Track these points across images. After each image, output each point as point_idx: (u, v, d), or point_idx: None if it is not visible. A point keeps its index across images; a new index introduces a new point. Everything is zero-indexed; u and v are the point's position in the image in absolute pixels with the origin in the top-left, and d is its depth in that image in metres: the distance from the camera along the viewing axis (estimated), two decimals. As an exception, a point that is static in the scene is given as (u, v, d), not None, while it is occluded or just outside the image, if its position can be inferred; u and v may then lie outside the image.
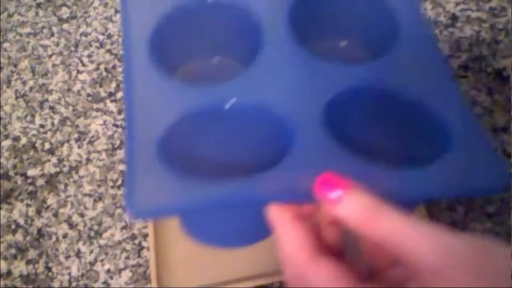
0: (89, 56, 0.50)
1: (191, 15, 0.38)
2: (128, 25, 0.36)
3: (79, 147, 0.46)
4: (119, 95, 0.48)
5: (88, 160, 0.45)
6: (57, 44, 0.52)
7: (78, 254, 0.42)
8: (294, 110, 0.35)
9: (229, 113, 0.36)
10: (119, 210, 0.43)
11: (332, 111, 0.36)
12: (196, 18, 0.38)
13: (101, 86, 0.49)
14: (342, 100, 0.37)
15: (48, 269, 0.42)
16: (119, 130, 0.46)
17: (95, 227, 0.42)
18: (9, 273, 0.42)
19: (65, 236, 0.43)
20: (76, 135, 0.47)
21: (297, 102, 0.36)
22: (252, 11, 0.37)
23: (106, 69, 0.49)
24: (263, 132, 0.37)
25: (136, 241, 0.42)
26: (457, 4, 0.45)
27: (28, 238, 0.43)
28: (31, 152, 0.47)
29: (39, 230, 0.43)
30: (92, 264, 0.41)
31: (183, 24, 0.38)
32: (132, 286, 0.40)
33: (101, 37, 0.51)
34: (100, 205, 0.43)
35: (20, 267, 0.42)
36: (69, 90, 0.49)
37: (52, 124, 0.48)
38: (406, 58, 0.37)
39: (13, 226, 0.44)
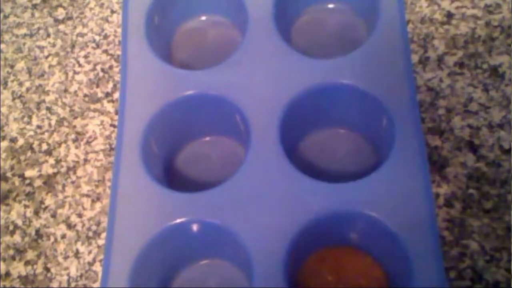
0: (86, 56, 0.50)
1: (183, 107, 0.41)
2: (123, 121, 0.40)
3: (76, 147, 0.46)
4: (116, 95, 0.48)
5: (86, 160, 0.45)
6: (54, 45, 0.52)
7: (77, 254, 0.42)
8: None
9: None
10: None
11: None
12: (187, 109, 0.41)
13: (98, 86, 0.49)
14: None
15: (47, 269, 0.41)
16: (116, 130, 0.46)
17: (94, 227, 0.42)
18: (7, 274, 0.42)
19: (63, 236, 0.43)
20: (73, 136, 0.47)
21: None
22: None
23: (102, 70, 0.49)
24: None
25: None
26: (452, 1, 0.45)
27: (27, 239, 0.43)
28: (29, 153, 0.47)
29: (37, 231, 0.43)
30: (91, 264, 0.41)
31: (176, 115, 0.41)
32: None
33: (97, 38, 0.51)
34: (98, 205, 0.43)
35: (18, 268, 0.42)
36: (66, 91, 0.49)
37: (49, 125, 0.48)
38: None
39: (11, 227, 0.44)
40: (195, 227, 0.36)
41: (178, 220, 0.35)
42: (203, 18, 0.47)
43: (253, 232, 0.34)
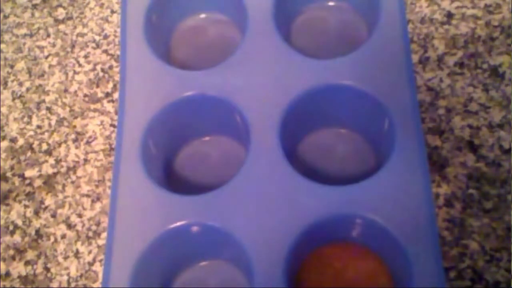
0: (86, 56, 0.50)
1: (183, 108, 0.40)
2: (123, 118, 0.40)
3: (76, 147, 0.46)
4: (116, 95, 0.48)
5: (86, 160, 0.45)
6: (54, 45, 0.52)
7: (77, 254, 0.42)
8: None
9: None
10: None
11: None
12: (187, 109, 0.40)
13: (98, 86, 0.49)
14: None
15: (47, 269, 0.42)
16: (116, 130, 0.46)
17: (94, 227, 0.42)
18: (7, 274, 0.42)
19: (63, 236, 0.43)
20: (73, 136, 0.47)
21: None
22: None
23: (102, 70, 0.49)
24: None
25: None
26: (452, 1, 0.45)
27: (27, 239, 0.43)
28: (29, 153, 0.47)
29: (38, 231, 0.43)
30: (91, 264, 0.41)
31: (176, 115, 0.40)
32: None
33: (97, 38, 0.51)
34: (98, 205, 0.43)
35: (18, 268, 0.42)
36: (65, 91, 0.49)
37: (49, 125, 0.48)
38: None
39: (11, 227, 0.44)
40: (195, 230, 0.36)
41: (179, 223, 0.35)
42: (202, 16, 0.47)
43: (253, 234, 0.34)
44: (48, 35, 0.53)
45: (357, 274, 0.36)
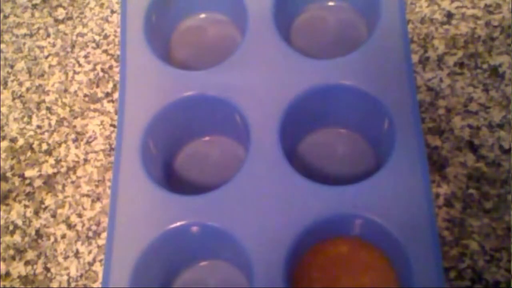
0: (86, 56, 0.50)
1: (183, 108, 0.40)
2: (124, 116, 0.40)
3: (76, 147, 0.46)
4: (116, 95, 0.48)
5: (86, 160, 0.45)
6: (54, 45, 0.52)
7: (77, 254, 0.42)
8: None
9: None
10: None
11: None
12: (187, 109, 0.40)
13: (98, 86, 0.49)
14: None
15: (47, 269, 0.42)
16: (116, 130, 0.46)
17: (94, 227, 0.42)
18: (7, 274, 0.42)
19: (63, 236, 0.43)
20: (73, 136, 0.47)
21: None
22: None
23: (102, 70, 0.49)
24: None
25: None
26: (452, 1, 0.45)
27: (27, 239, 0.43)
28: (29, 153, 0.47)
29: (37, 231, 0.43)
30: (91, 264, 0.41)
31: (176, 115, 0.40)
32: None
33: (97, 38, 0.51)
34: (98, 205, 0.43)
35: (18, 268, 0.42)
36: (65, 91, 0.49)
37: (49, 125, 0.48)
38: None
39: (11, 227, 0.44)
40: (195, 230, 0.36)
41: (179, 223, 0.35)
42: (202, 16, 0.47)
43: (252, 235, 0.34)
44: (48, 35, 0.53)
45: (359, 266, 0.36)
